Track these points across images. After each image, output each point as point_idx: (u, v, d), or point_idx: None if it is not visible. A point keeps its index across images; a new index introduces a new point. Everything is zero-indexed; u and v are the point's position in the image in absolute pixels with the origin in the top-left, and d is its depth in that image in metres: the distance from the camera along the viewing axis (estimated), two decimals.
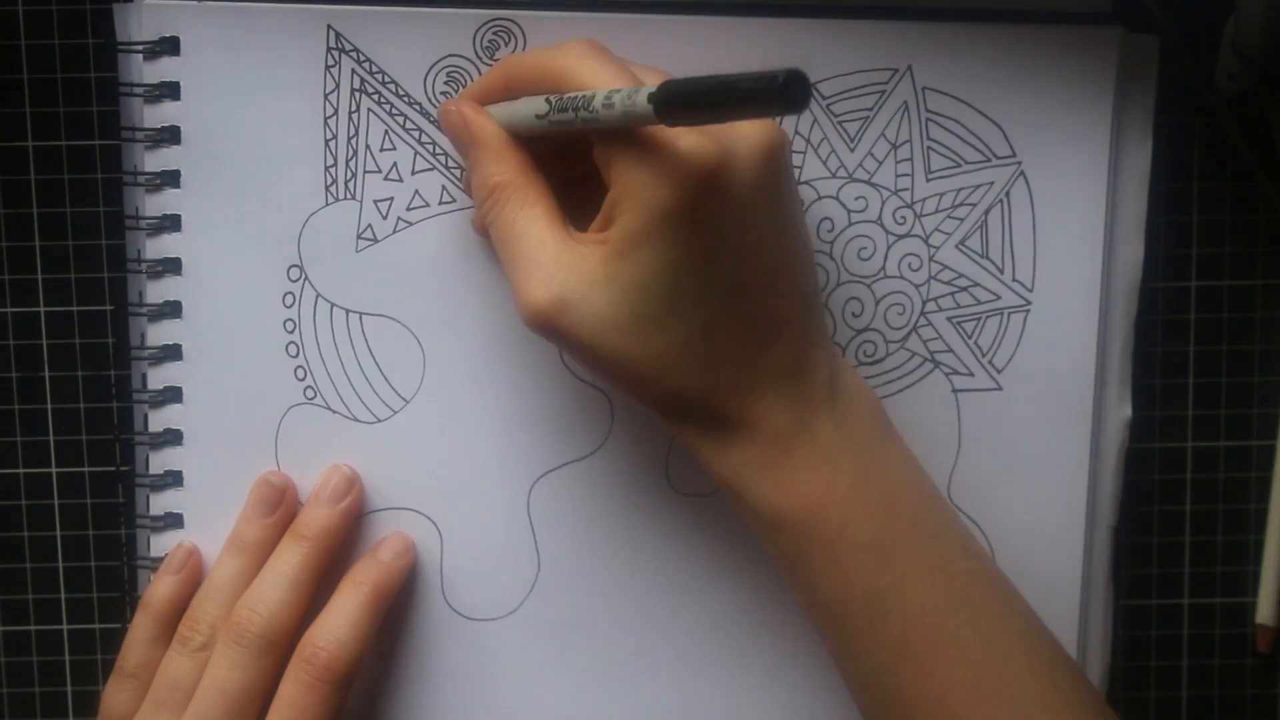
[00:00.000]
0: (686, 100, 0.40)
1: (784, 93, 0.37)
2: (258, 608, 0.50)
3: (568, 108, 0.44)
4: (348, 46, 0.51)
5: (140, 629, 0.52)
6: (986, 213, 0.52)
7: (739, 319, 0.45)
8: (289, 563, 0.51)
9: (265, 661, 0.50)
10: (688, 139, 0.43)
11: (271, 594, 0.50)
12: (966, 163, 0.52)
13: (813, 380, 0.47)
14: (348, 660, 0.50)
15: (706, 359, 0.45)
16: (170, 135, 0.52)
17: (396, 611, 0.53)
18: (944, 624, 0.46)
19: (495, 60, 0.51)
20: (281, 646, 0.50)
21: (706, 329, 0.45)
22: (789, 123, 0.52)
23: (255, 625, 0.50)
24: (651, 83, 0.41)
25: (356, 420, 0.53)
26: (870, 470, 0.47)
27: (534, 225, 0.46)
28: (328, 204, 0.52)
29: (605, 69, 0.45)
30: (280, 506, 0.52)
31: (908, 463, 0.48)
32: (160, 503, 0.53)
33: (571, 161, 0.48)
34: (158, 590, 0.52)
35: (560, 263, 0.45)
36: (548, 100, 0.45)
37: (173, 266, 0.52)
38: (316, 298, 0.52)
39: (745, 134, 0.44)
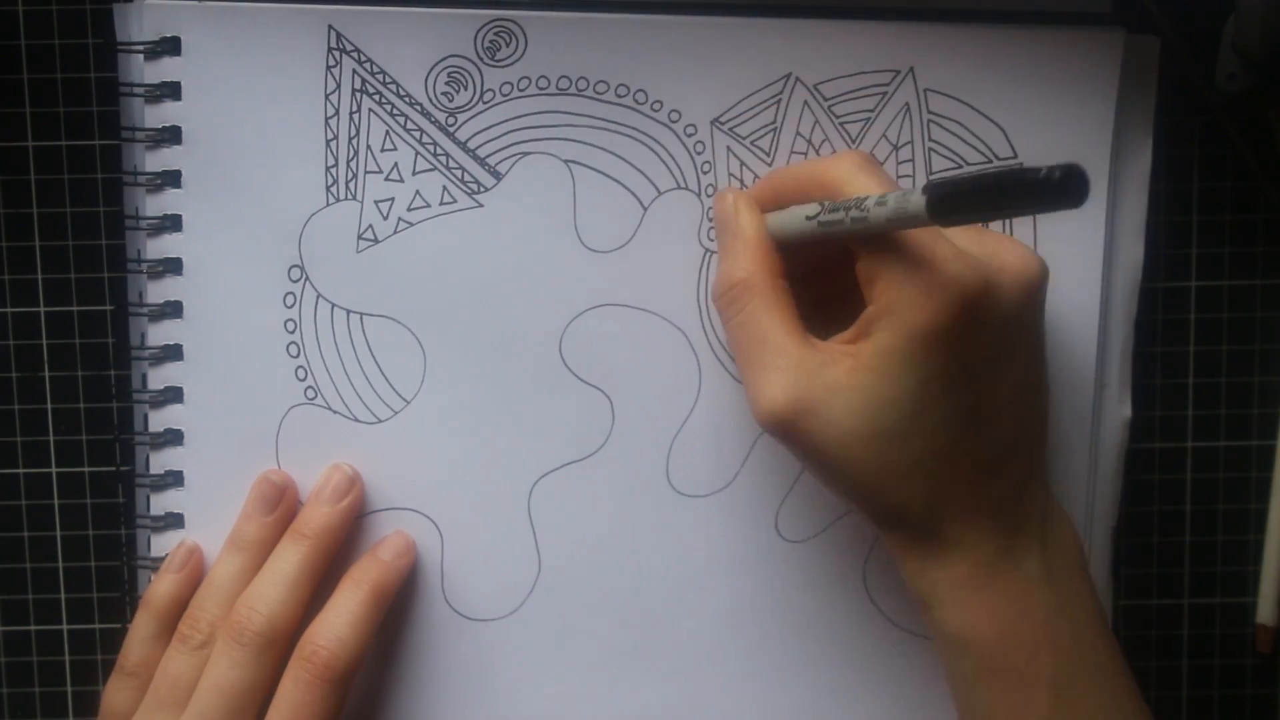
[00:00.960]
0: (959, 196, 0.40)
1: (1061, 189, 0.36)
2: (257, 606, 0.50)
3: (839, 208, 0.45)
4: (349, 47, 0.51)
5: (141, 627, 0.52)
6: None
7: (972, 444, 0.45)
8: (289, 561, 0.51)
9: (264, 660, 0.50)
10: (955, 264, 0.43)
11: (271, 592, 0.50)
12: (968, 164, 0.52)
13: (1029, 511, 0.47)
14: (347, 659, 0.50)
15: (935, 479, 0.45)
16: (171, 135, 0.52)
17: (396, 611, 0.53)
18: None
19: (496, 61, 0.51)
20: (281, 645, 0.50)
21: (941, 450, 0.45)
22: (789, 127, 0.52)
23: (255, 624, 0.50)
24: None
25: (357, 420, 0.53)
26: (1064, 606, 0.47)
27: (777, 328, 0.46)
28: (328, 204, 0.52)
29: (881, 183, 0.46)
30: (280, 505, 0.52)
31: (1096, 602, 0.49)
32: (160, 503, 0.53)
33: (815, 279, 0.49)
34: (159, 588, 0.52)
35: (803, 368, 0.45)
36: (820, 203, 0.46)
37: (173, 266, 0.52)
38: (317, 298, 0.52)
39: (1009, 264, 0.45)
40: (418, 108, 0.52)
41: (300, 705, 0.49)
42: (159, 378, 0.53)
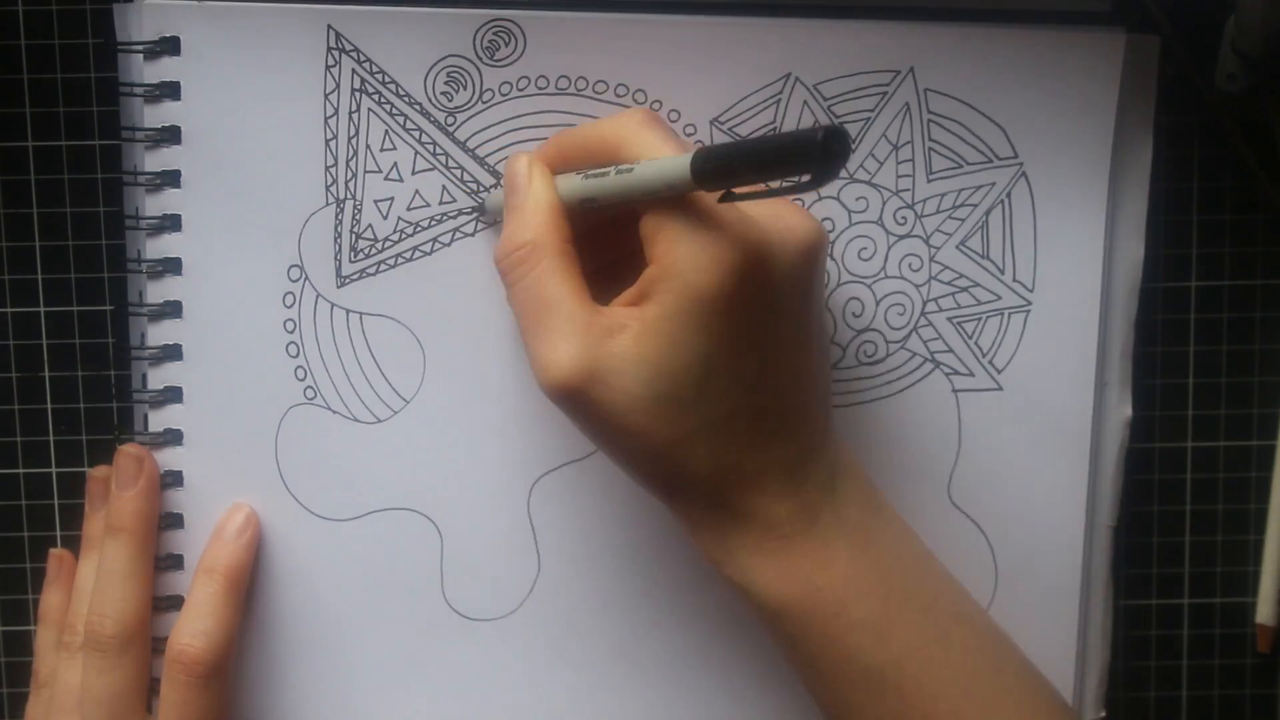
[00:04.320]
0: (724, 163, 0.40)
1: (823, 149, 0.37)
2: (103, 610, 0.51)
3: (608, 169, 0.45)
4: (348, 46, 0.51)
5: (42, 638, 0.53)
6: (987, 213, 0.52)
7: (758, 410, 0.45)
8: (114, 559, 0.52)
9: (127, 659, 0.51)
10: (737, 226, 0.43)
11: (109, 593, 0.51)
12: (968, 163, 0.52)
13: (816, 471, 0.47)
14: (215, 651, 0.50)
15: (722, 445, 0.45)
16: (170, 135, 0.52)
17: (397, 612, 0.53)
18: (941, 695, 0.46)
19: (496, 61, 0.51)
20: (138, 640, 0.51)
21: (727, 416, 0.45)
22: (788, 127, 0.52)
23: (106, 628, 0.51)
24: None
25: (356, 420, 0.53)
26: (865, 548, 0.47)
27: (564, 293, 0.45)
28: (328, 204, 0.52)
29: (665, 139, 0.45)
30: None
31: (899, 531, 0.49)
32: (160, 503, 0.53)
33: (598, 244, 0.48)
34: (48, 599, 0.54)
35: (590, 335, 0.44)
36: (583, 175, 0.46)
37: (173, 266, 0.52)
38: (316, 298, 0.52)
39: (791, 227, 0.44)
40: (417, 107, 0.52)
41: (180, 706, 0.50)
42: (159, 378, 0.53)
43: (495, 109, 0.52)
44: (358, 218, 0.52)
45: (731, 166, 0.40)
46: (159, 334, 0.53)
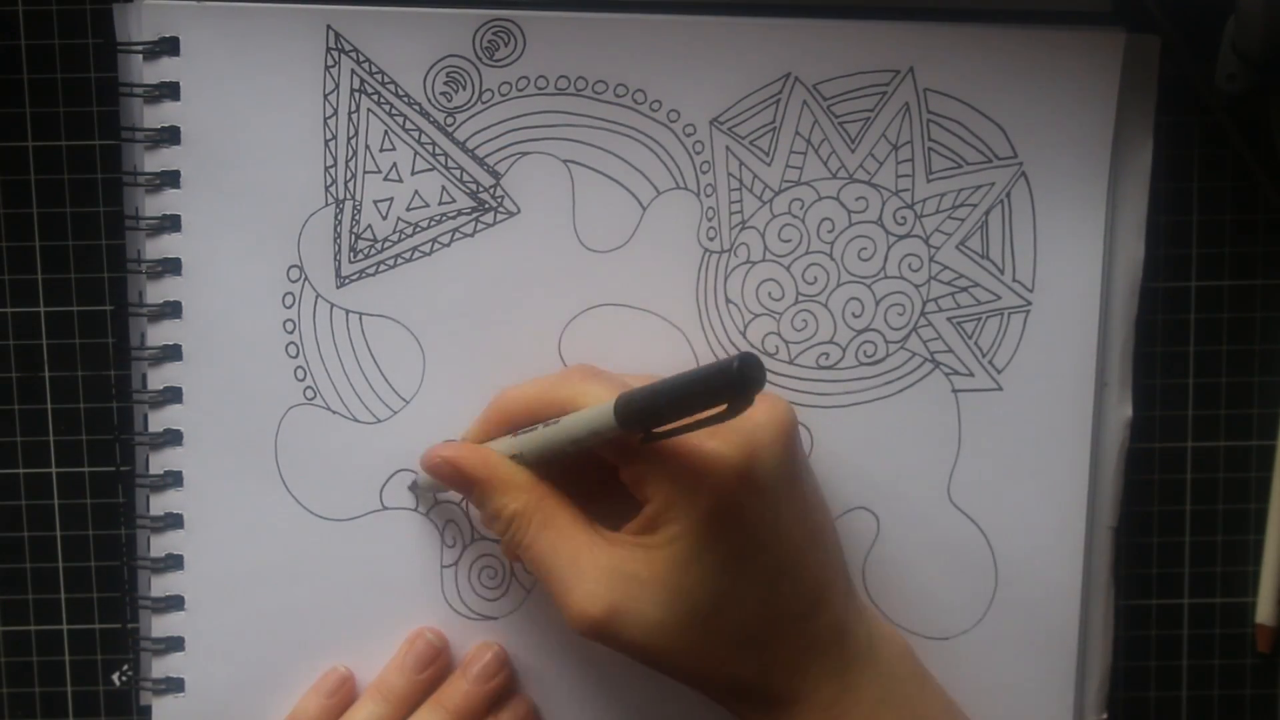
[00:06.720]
0: (647, 405, 0.42)
1: (740, 378, 0.38)
2: None
3: (537, 428, 0.47)
4: (347, 47, 0.51)
5: None
6: (987, 213, 0.52)
7: (783, 598, 0.47)
8: None
9: None
10: (710, 443, 0.44)
11: None
12: (967, 163, 0.52)
13: (854, 643, 0.48)
14: None
15: (758, 642, 0.46)
16: (170, 135, 0.52)
17: (397, 612, 0.53)
18: None
19: (495, 61, 0.51)
20: None
21: (755, 615, 0.46)
22: (788, 126, 0.52)
23: None
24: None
25: (356, 420, 0.53)
26: (914, 715, 0.49)
27: (564, 540, 0.47)
28: (327, 204, 0.52)
29: (612, 389, 0.46)
30: (432, 666, 0.53)
31: (939, 700, 0.50)
32: (160, 503, 0.53)
33: (591, 467, 0.49)
34: (306, 707, 0.53)
35: (603, 570, 0.46)
36: (514, 434, 0.49)
37: (173, 266, 0.52)
38: (316, 298, 0.52)
39: (762, 421, 0.46)
40: (416, 108, 0.52)
41: None
42: (158, 378, 0.53)
43: (495, 109, 0.52)
44: (357, 218, 0.52)
45: (655, 408, 0.42)
46: (159, 334, 0.53)
